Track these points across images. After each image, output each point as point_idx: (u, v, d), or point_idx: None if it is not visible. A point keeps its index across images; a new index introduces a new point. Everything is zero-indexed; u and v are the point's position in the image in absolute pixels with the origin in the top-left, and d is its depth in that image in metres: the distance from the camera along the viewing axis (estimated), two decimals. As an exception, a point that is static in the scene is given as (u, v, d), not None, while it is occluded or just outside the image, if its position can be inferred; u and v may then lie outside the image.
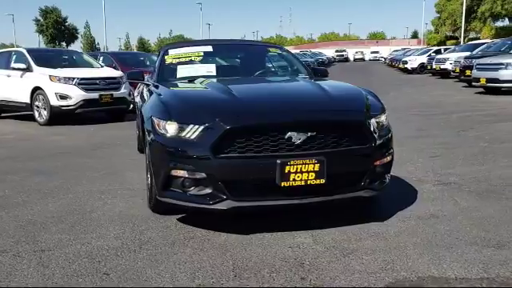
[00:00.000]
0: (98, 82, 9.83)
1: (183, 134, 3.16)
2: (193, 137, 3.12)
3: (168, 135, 3.22)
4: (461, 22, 42.60)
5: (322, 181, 3.07)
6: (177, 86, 4.17)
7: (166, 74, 4.53)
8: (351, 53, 62.91)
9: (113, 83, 10.05)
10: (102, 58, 13.44)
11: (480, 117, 8.92)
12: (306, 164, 3.02)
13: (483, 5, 38.74)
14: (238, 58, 5.14)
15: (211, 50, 4.90)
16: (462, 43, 33.99)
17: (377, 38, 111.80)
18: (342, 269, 2.64)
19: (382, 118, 3.48)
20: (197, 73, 4.55)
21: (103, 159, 5.90)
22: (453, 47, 27.57)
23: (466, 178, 4.54)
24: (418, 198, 3.97)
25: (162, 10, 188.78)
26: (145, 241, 3.12)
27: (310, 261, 2.75)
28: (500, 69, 13.26)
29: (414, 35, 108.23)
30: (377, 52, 62.93)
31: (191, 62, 4.71)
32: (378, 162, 3.35)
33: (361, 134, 3.25)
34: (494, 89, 13.62)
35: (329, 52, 58.34)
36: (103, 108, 9.97)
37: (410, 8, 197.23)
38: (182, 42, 7.37)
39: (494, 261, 2.70)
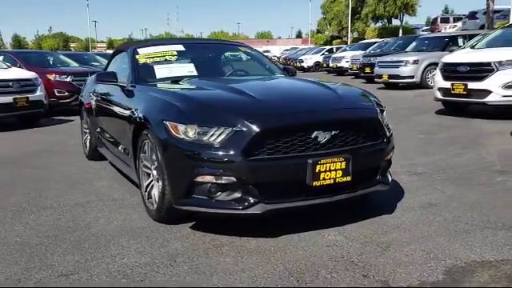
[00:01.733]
0: (11, 84, 8.87)
1: (206, 137, 3.02)
2: (218, 140, 3.00)
3: (188, 140, 3.06)
4: (345, 23, 45.67)
5: (349, 178, 3.13)
6: (175, 87, 3.95)
7: (144, 75, 4.27)
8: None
9: (28, 85, 9.13)
10: (1, 58, 12.13)
11: (400, 110, 9.64)
12: (334, 162, 3.07)
13: (366, 7, 41.90)
14: (212, 57, 5.00)
15: (183, 48, 4.71)
16: (348, 43, 36.40)
17: (264, 37, 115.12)
18: (392, 262, 2.72)
19: (385, 114, 3.64)
20: (177, 73, 4.35)
21: (54, 169, 5.37)
22: (344, 46, 29.38)
23: (430, 168, 4.91)
24: (404, 188, 4.20)
25: (39, 7, 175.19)
26: (174, 253, 2.93)
27: (358, 258, 2.80)
28: (400, 66, 14.46)
29: (299, 35, 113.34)
30: (268, 51, 64.73)
31: (167, 61, 4.49)
32: (387, 157, 3.51)
33: (375, 130, 3.37)
34: (393, 84, 14.80)
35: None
36: (18, 113, 9.03)
37: (295, 9, 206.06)
38: (148, 40, 6.97)
39: (515, 241, 2.98)
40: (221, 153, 2.97)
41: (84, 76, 11.55)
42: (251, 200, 2.99)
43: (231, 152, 2.95)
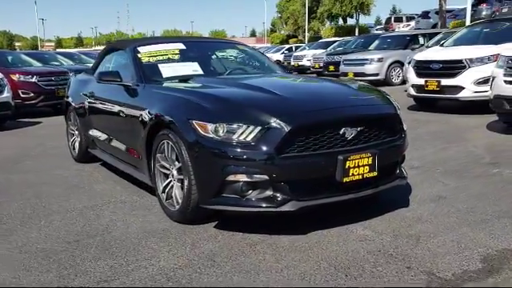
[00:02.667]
0: (-24, 85, 8.44)
1: (235, 136, 3.01)
2: (249, 138, 2.99)
3: (218, 139, 3.03)
4: (301, 22, 46.29)
5: (375, 173, 3.21)
6: (192, 86, 3.88)
7: (149, 74, 4.17)
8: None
9: (-7, 86, 8.72)
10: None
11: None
12: (362, 158, 3.13)
13: (322, 6, 42.59)
14: (213, 55, 4.94)
15: (184, 47, 4.64)
16: (306, 42, 36.88)
17: (218, 36, 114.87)
18: (429, 253, 2.80)
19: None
20: (182, 72, 4.29)
21: (44, 173, 5.16)
22: (303, 45, 29.76)
23: (425, 162, 5.08)
24: (409, 182, 4.30)
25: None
26: (209, 254, 2.90)
27: (394, 250, 2.86)
28: (365, 64, 14.80)
29: (253, 34, 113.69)
30: (224, 50, 64.59)
31: (170, 60, 4.41)
32: (404, 152, 3.61)
33: (395, 126, 3.47)
34: (358, 82, 15.14)
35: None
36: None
37: (248, 8, 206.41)
38: (147, 38, 6.77)
39: (533, 229, 3.14)
40: (253, 151, 2.96)
41: (50, 76, 11.24)
42: (283, 198, 3.00)
43: (263, 150, 2.95)
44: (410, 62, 11.73)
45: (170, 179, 3.51)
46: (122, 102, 4.19)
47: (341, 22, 44.45)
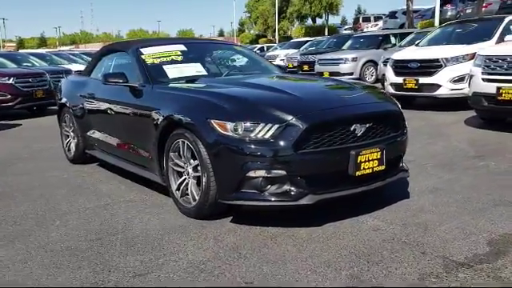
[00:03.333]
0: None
1: (254, 134, 3.15)
2: (267, 136, 3.14)
3: (238, 137, 3.17)
4: (271, 22, 46.65)
5: (383, 167, 3.41)
6: (206, 87, 3.98)
7: (155, 75, 4.26)
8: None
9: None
10: None
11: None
12: (372, 153, 3.33)
13: (291, 6, 43.07)
14: (214, 56, 5.06)
15: (185, 48, 4.74)
16: (277, 42, 37.22)
17: (186, 35, 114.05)
18: (439, 240, 3.02)
19: None
20: (187, 72, 4.40)
21: (43, 175, 5.15)
22: (275, 45, 30.03)
23: (416, 157, 5.32)
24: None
25: None
26: (233, 246, 3.03)
27: (407, 238, 3.06)
28: (340, 63, 15.15)
29: (221, 33, 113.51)
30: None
31: (173, 61, 4.51)
32: (406, 147, 3.83)
33: (399, 123, 3.69)
34: (334, 81, 15.48)
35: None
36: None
37: (216, 7, 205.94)
38: (147, 40, 6.77)
39: (528, 215, 3.41)
40: (272, 148, 3.11)
41: (27, 78, 11.05)
42: (300, 192, 3.17)
43: (282, 147, 3.10)
44: (384, 62, 12.17)
45: (184, 177, 3.62)
46: (128, 103, 4.26)
47: (310, 22, 45.08)
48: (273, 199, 3.18)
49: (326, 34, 36.19)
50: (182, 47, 4.75)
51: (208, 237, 3.21)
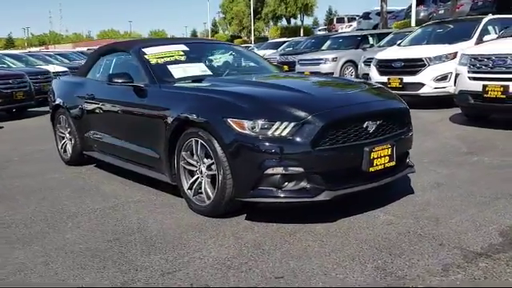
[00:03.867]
0: None
1: (271, 132, 3.20)
2: (284, 134, 3.19)
3: (255, 135, 3.21)
4: (246, 22, 46.75)
5: (393, 163, 3.52)
6: (214, 86, 4.00)
7: (161, 75, 4.25)
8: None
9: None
10: None
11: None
12: (383, 149, 3.43)
13: (266, 7, 43.28)
14: (215, 56, 5.09)
15: (187, 48, 4.75)
16: (253, 42, 37.29)
17: (158, 35, 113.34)
18: (452, 232, 3.13)
19: None
20: (192, 72, 4.42)
21: (41, 177, 5.08)
22: (252, 46, 30.07)
23: (411, 154, 5.46)
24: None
25: None
26: (255, 243, 3.07)
27: (421, 231, 3.16)
28: (320, 63, 15.31)
29: (194, 34, 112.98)
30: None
31: (177, 61, 4.52)
32: (412, 144, 3.95)
33: (406, 120, 3.80)
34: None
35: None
36: None
37: (188, 8, 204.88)
38: (148, 39, 6.72)
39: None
40: (290, 145, 3.17)
41: (7, 79, 10.78)
42: (317, 188, 3.23)
43: (300, 144, 3.17)
44: (365, 61, 12.40)
45: (196, 176, 3.64)
46: (133, 103, 4.24)
47: (284, 22, 45.45)
48: (290, 196, 3.24)
49: (302, 34, 36.51)
50: (184, 47, 4.76)
51: (226, 234, 3.24)
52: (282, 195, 3.24)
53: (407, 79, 8.98)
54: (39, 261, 2.93)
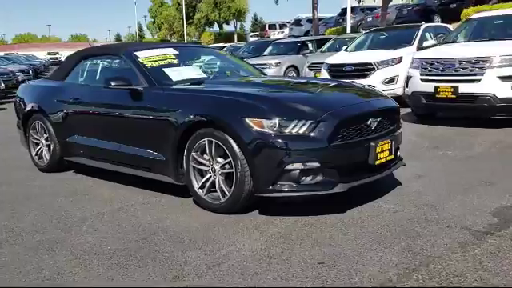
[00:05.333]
0: None
1: (288, 129, 3.41)
2: (301, 131, 3.41)
3: (274, 133, 3.40)
4: (177, 27, 46.41)
5: (392, 156, 3.86)
6: (224, 87, 4.12)
7: (159, 78, 4.31)
8: (65, 56, 60.27)
9: None
10: None
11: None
12: (385, 144, 3.75)
13: (198, 12, 43.22)
14: (202, 59, 5.18)
15: (177, 52, 4.83)
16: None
17: (80, 40, 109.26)
18: (452, 216, 3.48)
19: None
20: (187, 75, 4.51)
21: (23, 184, 4.91)
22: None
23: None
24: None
25: None
26: (281, 235, 3.25)
27: (427, 216, 3.49)
28: (265, 68, 15.53)
29: (118, 38, 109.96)
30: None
31: (171, 64, 4.59)
32: (402, 139, 4.32)
33: (397, 117, 4.15)
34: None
35: (38, 55, 54.02)
36: None
37: (111, 11, 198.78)
38: (136, 44, 6.60)
39: None
40: (309, 142, 3.40)
41: None
42: (332, 181, 3.48)
43: (317, 140, 3.40)
44: (309, 66, 12.94)
45: (209, 175, 3.76)
46: (131, 106, 4.26)
47: (216, 28, 45.64)
48: (308, 189, 3.46)
49: (236, 40, 36.95)
50: (174, 51, 4.84)
51: (249, 229, 3.40)
52: (300, 189, 3.45)
53: (358, 82, 9.51)
54: (74, 263, 2.92)
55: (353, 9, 26.40)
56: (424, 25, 11.05)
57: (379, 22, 20.75)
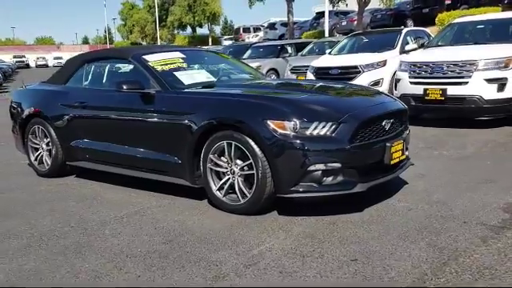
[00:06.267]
0: None
1: (309, 131, 3.50)
2: (322, 133, 3.51)
3: (296, 135, 3.48)
4: (149, 30, 46.04)
5: (404, 156, 4.00)
6: (239, 90, 4.17)
7: (171, 82, 4.32)
8: (32, 59, 58.89)
9: None
10: None
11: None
12: (398, 144, 3.89)
13: (171, 15, 42.95)
14: (207, 63, 5.21)
15: (184, 56, 4.86)
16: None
17: (46, 43, 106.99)
18: (465, 212, 3.63)
19: None
20: (198, 79, 4.56)
21: (29, 190, 4.83)
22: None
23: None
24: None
25: None
26: (306, 233, 3.33)
27: (442, 213, 3.62)
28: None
29: (85, 41, 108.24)
30: (60, 58, 61.13)
31: (180, 68, 4.61)
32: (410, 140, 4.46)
33: (406, 118, 4.29)
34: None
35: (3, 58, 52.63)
36: None
37: (80, 14, 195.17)
38: (143, 47, 6.48)
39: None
40: (331, 143, 3.49)
41: None
42: (353, 181, 3.58)
43: (339, 141, 3.50)
44: (291, 69, 13.11)
45: (227, 177, 3.80)
46: (143, 110, 4.26)
47: (189, 31, 45.54)
48: (330, 190, 3.55)
49: (210, 43, 36.93)
50: (181, 54, 4.86)
51: (274, 229, 3.46)
52: (322, 189, 3.54)
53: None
54: (109, 266, 2.93)
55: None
56: (405, 29, 11.38)
57: (355, 26, 21.16)
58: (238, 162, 3.73)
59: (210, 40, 39.50)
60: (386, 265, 2.81)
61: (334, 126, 3.51)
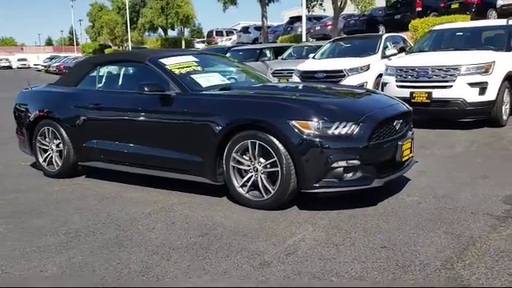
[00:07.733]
0: None
1: (331, 130, 3.77)
2: (343, 132, 3.78)
3: (319, 134, 3.75)
4: (118, 32, 45.51)
5: (412, 154, 4.33)
6: (258, 92, 4.41)
7: (190, 84, 4.51)
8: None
9: None
10: None
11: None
12: (407, 143, 4.21)
13: (142, 17, 42.62)
14: (222, 66, 5.41)
15: (197, 59, 5.05)
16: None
17: (7, 44, 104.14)
18: (470, 204, 3.98)
19: None
20: (214, 82, 4.76)
21: (39, 190, 4.91)
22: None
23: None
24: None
25: None
26: (332, 226, 3.59)
27: (450, 205, 3.95)
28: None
29: (49, 42, 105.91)
30: (25, 59, 59.83)
31: (195, 71, 4.80)
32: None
33: (411, 119, 4.62)
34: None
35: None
36: None
37: (43, 15, 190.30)
38: (157, 51, 6.55)
39: None
40: (352, 141, 3.78)
41: None
42: (370, 176, 3.87)
43: (359, 140, 3.79)
44: (273, 73, 13.40)
45: (250, 174, 4.03)
46: (165, 111, 4.42)
47: (161, 33, 45.27)
48: (351, 185, 3.83)
49: (183, 46, 36.86)
50: (194, 58, 5.05)
51: (300, 222, 3.71)
52: (343, 185, 3.81)
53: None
54: (156, 258, 3.10)
55: (301, 18, 27.42)
56: (385, 35, 11.87)
57: (330, 31, 21.68)
58: (262, 160, 3.96)
59: (184, 43, 39.46)
60: (413, 250, 3.09)
61: (353, 126, 3.79)
